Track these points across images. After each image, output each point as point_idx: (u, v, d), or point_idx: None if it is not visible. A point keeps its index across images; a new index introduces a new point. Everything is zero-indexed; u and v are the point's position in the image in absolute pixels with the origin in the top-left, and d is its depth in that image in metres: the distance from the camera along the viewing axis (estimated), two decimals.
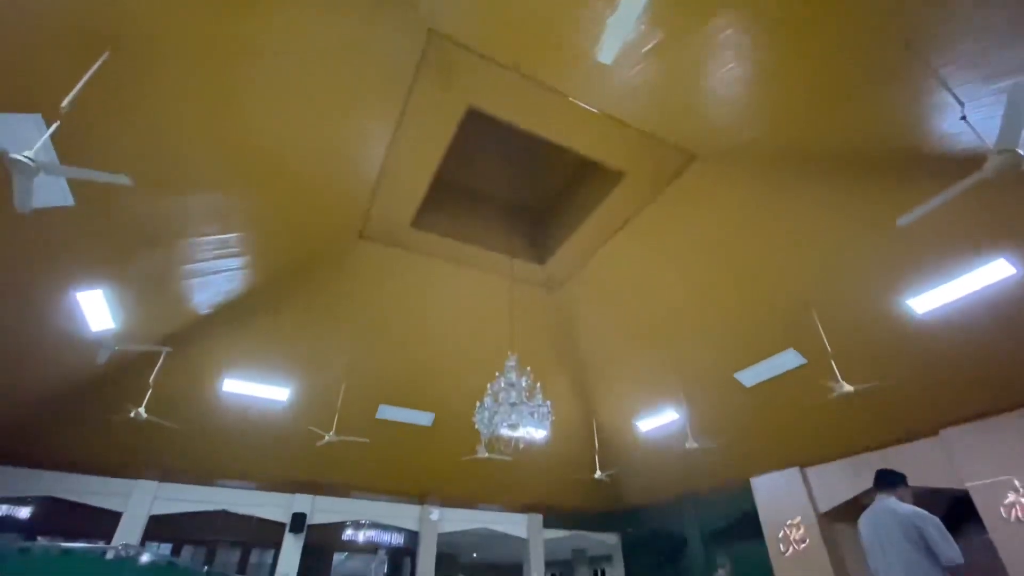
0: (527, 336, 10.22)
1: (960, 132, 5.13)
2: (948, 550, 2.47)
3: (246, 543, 10.58)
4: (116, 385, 8.53)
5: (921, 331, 7.15)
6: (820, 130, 6.09)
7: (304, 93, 6.03)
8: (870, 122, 5.75)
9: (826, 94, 5.60)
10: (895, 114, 5.56)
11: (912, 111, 5.43)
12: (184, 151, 5.90)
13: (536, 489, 13.17)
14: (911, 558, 2.54)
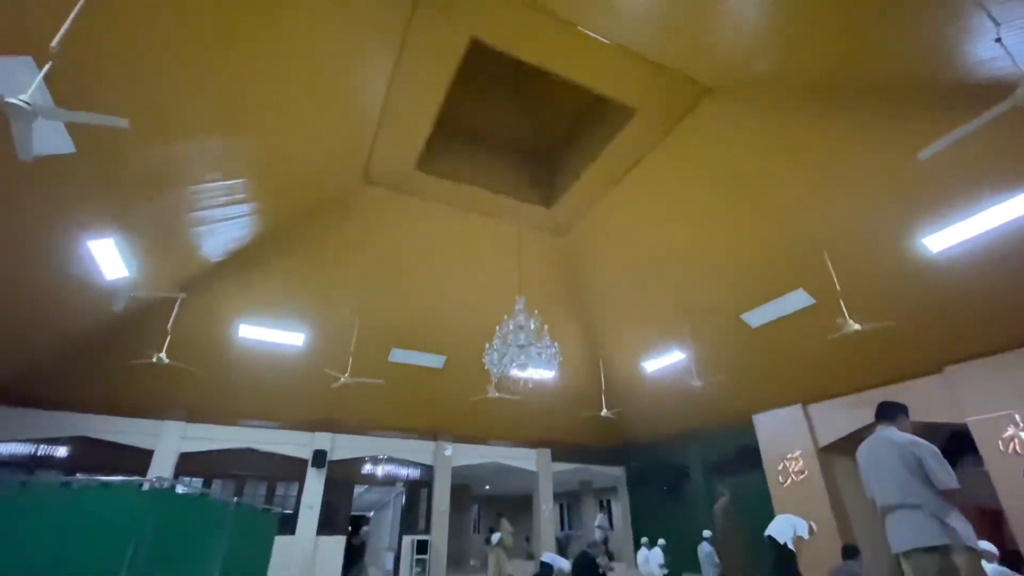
0: (535, 279, 10.28)
1: (993, 57, 4.82)
2: (943, 475, 2.56)
3: (272, 477, 11.25)
4: (136, 331, 8.80)
5: (934, 270, 7.07)
6: (841, 58, 5.75)
7: (301, 30, 5.77)
8: (895, 48, 5.40)
9: (849, 18, 5.24)
10: (923, 39, 5.21)
11: (942, 35, 5.08)
12: (181, 95, 5.74)
13: (545, 426, 13.71)
14: (906, 483, 2.63)
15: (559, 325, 10.23)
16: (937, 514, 2.52)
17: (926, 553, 2.50)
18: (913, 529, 2.56)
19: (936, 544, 2.47)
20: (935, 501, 2.56)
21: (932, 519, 2.52)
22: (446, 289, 10.81)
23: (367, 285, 10.34)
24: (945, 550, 2.45)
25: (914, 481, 2.63)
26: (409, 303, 10.79)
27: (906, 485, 2.64)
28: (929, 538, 2.49)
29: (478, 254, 10.56)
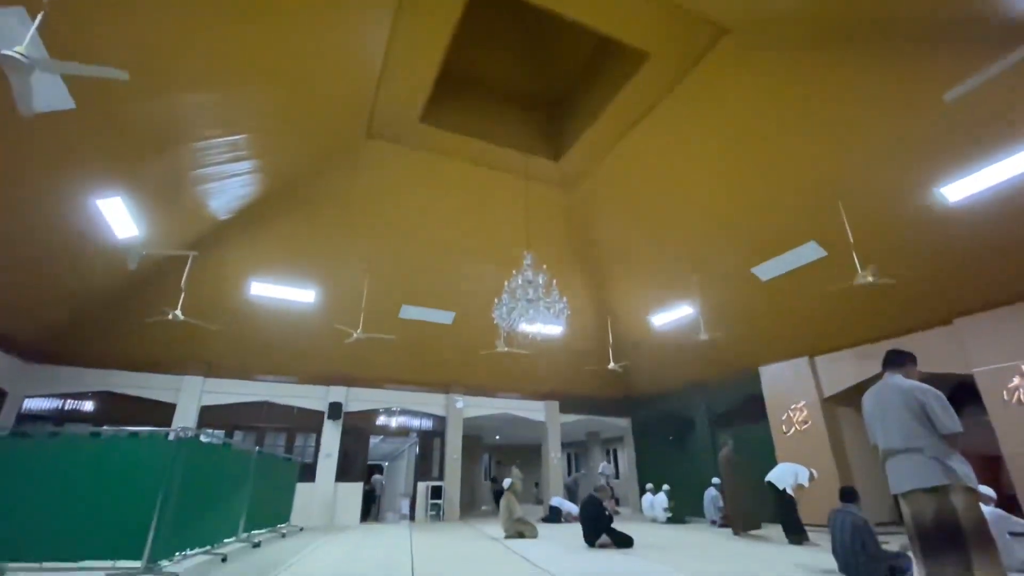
0: (543, 234, 10.21)
1: None
2: (947, 419, 2.60)
3: (290, 429, 11.69)
4: (151, 289, 8.95)
5: (950, 220, 6.92)
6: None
7: None
8: None
9: None
10: None
11: None
12: (180, 48, 5.57)
13: (553, 379, 13.99)
14: (910, 428, 2.68)
15: (567, 280, 10.26)
16: (938, 457, 2.58)
17: (925, 493, 2.57)
18: (914, 471, 2.63)
19: (935, 485, 2.54)
20: (937, 445, 2.61)
21: (933, 461, 2.58)
22: (454, 245, 10.79)
23: (375, 242, 10.35)
24: (944, 490, 2.52)
25: (917, 426, 2.67)
26: (418, 260, 10.82)
27: (909, 430, 2.69)
28: (929, 479, 2.56)
29: (486, 209, 10.47)
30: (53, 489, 4.55)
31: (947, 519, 2.49)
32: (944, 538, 2.48)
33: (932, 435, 2.65)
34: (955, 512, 2.48)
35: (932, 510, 2.54)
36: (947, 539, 2.47)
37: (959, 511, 2.48)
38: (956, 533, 2.45)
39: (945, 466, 2.56)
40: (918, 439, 2.67)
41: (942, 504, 2.52)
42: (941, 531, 2.50)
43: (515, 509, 8.23)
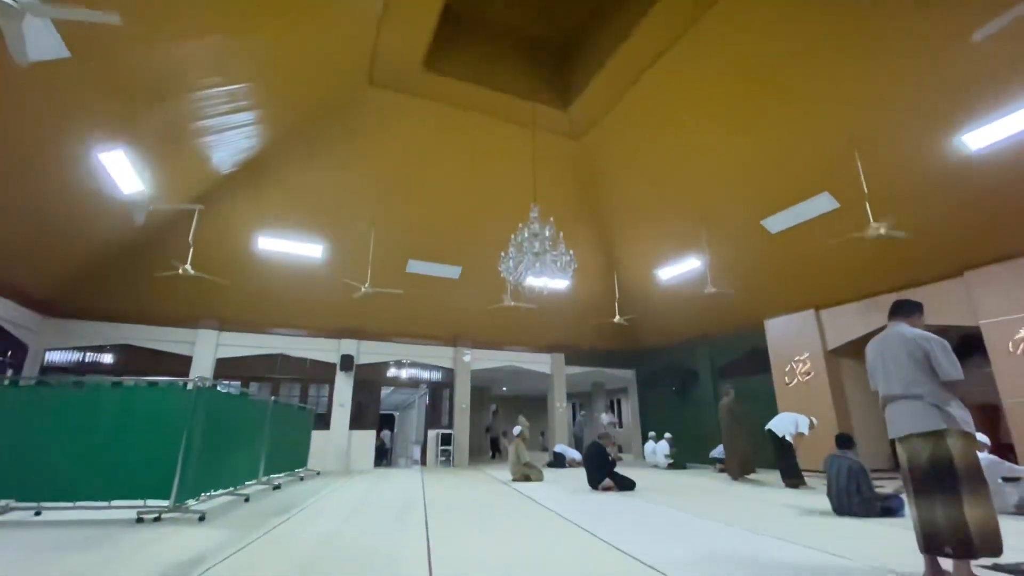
0: (550, 187, 10.04)
1: None
2: (949, 366, 2.63)
3: (304, 380, 12.04)
4: (160, 245, 9.02)
5: (969, 169, 6.72)
6: None
7: None
8: None
9: None
10: None
11: None
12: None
13: (559, 332, 14.17)
14: (911, 374, 2.72)
15: (574, 233, 10.19)
16: (937, 403, 2.62)
17: (921, 438, 2.64)
18: (912, 416, 2.69)
19: (933, 429, 2.61)
20: (937, 391, 2.65)
21: (932, 407, 2.63)
22: (460, 199, 10.67)
23: (381, 196, 10.25)
24: (941, 434, 2.58)
25: (919, 373, 2.70)
26: (423, 214, 10.74)
27: (911, 376, 2.72)
28: (926, 424, 2.62)
29: (493, 162, 10.27)
30: (81, 435, 4.79)
31: (942, 461, 2.56)
32: (937, 479, 2.56)
33: (932, 382, 2.68)
34: (950, 455, 2.54)
35: (928, 453, 2.61)
36: (940, 480, 2.54)
37: (954, 454, 2.54)
38: (950, 474, 2.52)
39: (943, 411, 2.61)
40: (918, 386, 2.70)
41: (938, 447, 2.59)
42: (935, 472, 2.57)
43: (523, 454, 8.56)
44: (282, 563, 3.05)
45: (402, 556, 3.23)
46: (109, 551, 3.37)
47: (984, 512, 2.44)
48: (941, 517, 2.51)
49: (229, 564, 3.03)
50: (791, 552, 3.28)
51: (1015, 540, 3.33)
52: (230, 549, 3.42)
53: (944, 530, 2.49)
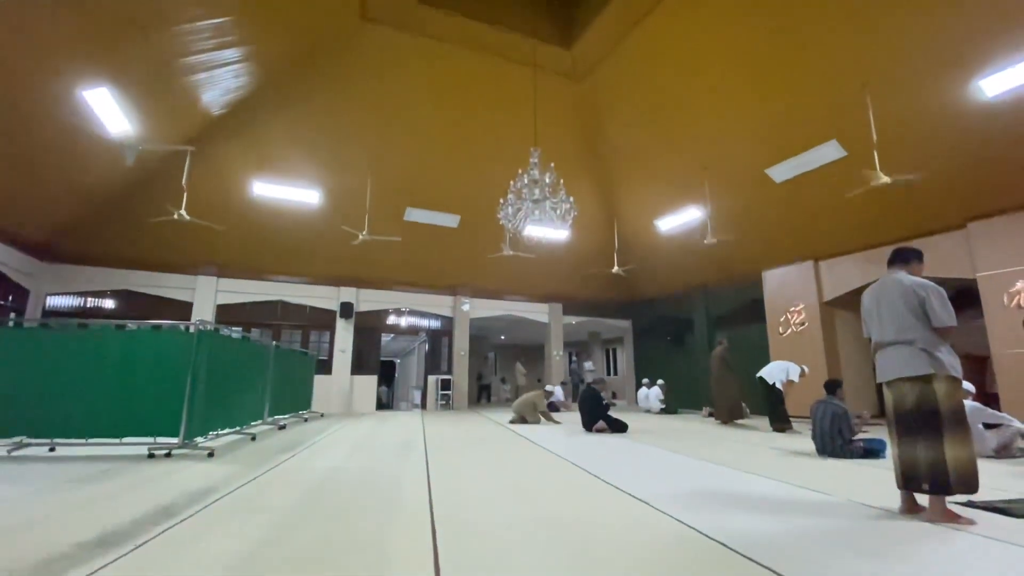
0: (551, 131, 9.77)
1: None
2: (942, 312, 2.65)
3: (305, 326, 12.20)
4: (154, 189, 8.87)
5: (983, 117, 6.53)
6: None
7: None
8: None
9: None
10: None
11: None
12: None
13: (557, 282, 14.24)
14: (905, 321, 2.74)
15: (575, 180, 10.01)
16: (928, 348, 2.66)
17: (909, 381, 2.71)
18: (902, 361, 2.74)
19: (921, 374, 2.67)
20: (928, 337, 2.68)
21: (922, 352, 2.67)
22: (458, 145, 10.40)
23: (377, 141, 9.99)
24: (928, 379, 2.65)
25: (913, 320, 2.73)
26: (422, 161, 10.50)
27: (904, 323, 2.75)
28: (915, 369, 2.67)
29: (492, 106, 9.92)
30: (89, 375, 4.90)
31: (928, 403, 2.63)
32: (921, 420, 2.64)
33: (925, 328, 2.72)
34: (936, 397, 2.62)
35: (914, 396, 2.68)
36: (924, 421, 2.63)
37: (940, 397, 2.61)
38: (934, 416, 2.61)
39: (933, 357, 2.66)
40: (911, 331, 2.74)
41: (925, 391, 2.65)
42: (920, 414, 2.65)
43: (540, 403, 8.92)
44: (290, 492, 3.21)
45: (404, 485, 3.40)
46: (123, 482, 3.53)
47: (963, 453, 2.54)
48: (922, 456, 2.62)
49: (239, 494, 3.18)
50: (772, 487, 3.45)
51: (991, 481, 3.50)
52: (239, 481, 3.58)
53: (923, 468, 2.61)
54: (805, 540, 2.26)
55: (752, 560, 1.98)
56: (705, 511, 2.77)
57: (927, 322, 2.72)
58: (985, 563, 1.96)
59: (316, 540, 2.23)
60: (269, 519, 2.58)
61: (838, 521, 2.59)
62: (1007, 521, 2.56)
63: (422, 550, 2.10)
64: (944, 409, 2.60)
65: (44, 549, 2.06)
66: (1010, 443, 4.88)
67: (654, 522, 2.58)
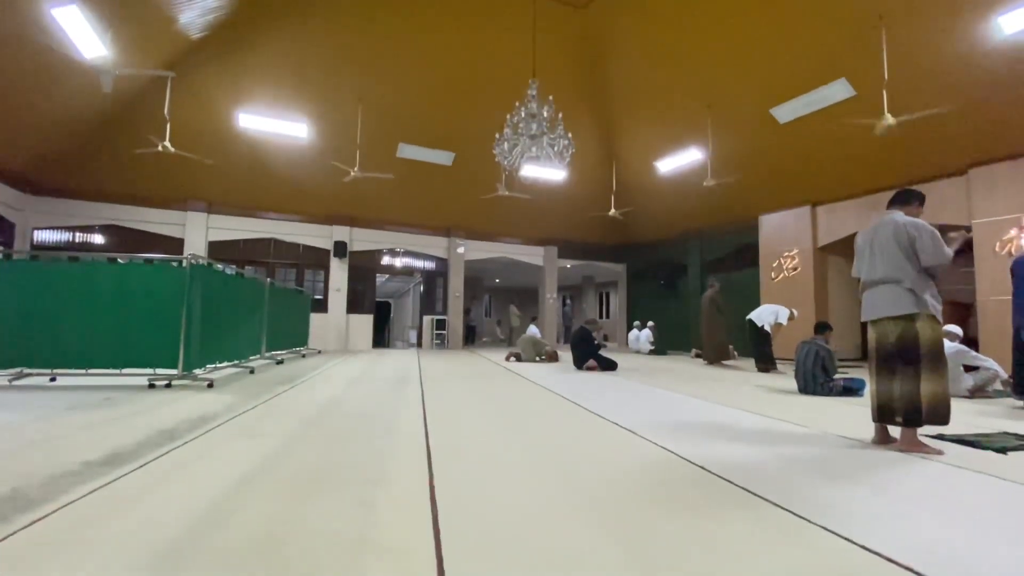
0: (550, 64, 9.32)
1: None
2: (933, 250, 2.66)
3: (299, 265, 12.17)
4: (136, 119, 8.53)
5: (996, 56, 6.29)
6: None
7: None
8: None
9: None
10: None
11: None
12: None
13: (553, 225, 14.13)
14: (895, 261, 2.76)
15: (574, 117, 9.67)
16: (914, 288, 2.70)
17: (893, 320, 2.76)
18: (887, 300, 2.79)
19: (905, 313, 2.72)
20: (916, 278, 2.71)
21: (908, 292, 2.71)
22: (454, 77, 9.93)
23: (367, 72, 9.51)
24: (911, 317, 2.70)
25: (903, 260, 2.74)
26: (414, 91, 10.06)
27: (894, 262, 2.77)
28: (900, 308, 2.72)
29: (488, 34, 9.39)
30: (83, 307, 4.91)
31: (908, 340, 2.70)
32: (901, 356, 2.72)
33: (914, 268, 2.74)
34: (916, 335, 2.68)
35: (897, 333, 2.75)
36: (903, 357, 2.71)
37: (920, 334, 2.67)
38: (913, 351, 2.69)
39: (918, 298, 2.70)
40: (899, 271, 2.76)
41: (906, 328, 2.71)
42: (900, 350, 2.73)
43: (540, 345, 9.13)
44: (290, 420, 3.32)
45: (400, 414, 3.52)
46: (126, 409, 3.63)
47: (938, 388, 2.63)
48: (898, 390, 2.72)
49: (240, 420, 3.29)
50: (753, 420, 3.60)
51: (964, 418, 3.67)
52: (239, 409, 3.69)
53: (898, 401, 2.71)
54: (780, 465, 2.38)
55: (729, 481, 2.10)
56: (687, 439, 2.90)
57: (916, 263, 2.74)
58: (950, 488, 2.09)
59: (316, 461, 2.33)
60: (270, 442, 2.68)
61: (813, 449, 2.72)
62: (974, 452, 2.70)
63: (418, 470, 2.20)
64: (924, 346, 2.67)
65: (52, 467, 2.14)
66: (986, 384, 5.08)
67: (638, 448, 2.70)
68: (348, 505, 1.74)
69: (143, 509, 1.68)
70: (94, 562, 1.29)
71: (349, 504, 1.75)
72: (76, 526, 1.53)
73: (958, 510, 1.80)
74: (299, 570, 1.26)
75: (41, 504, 1.68)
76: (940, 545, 1.48)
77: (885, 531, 1.57)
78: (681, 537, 1.52)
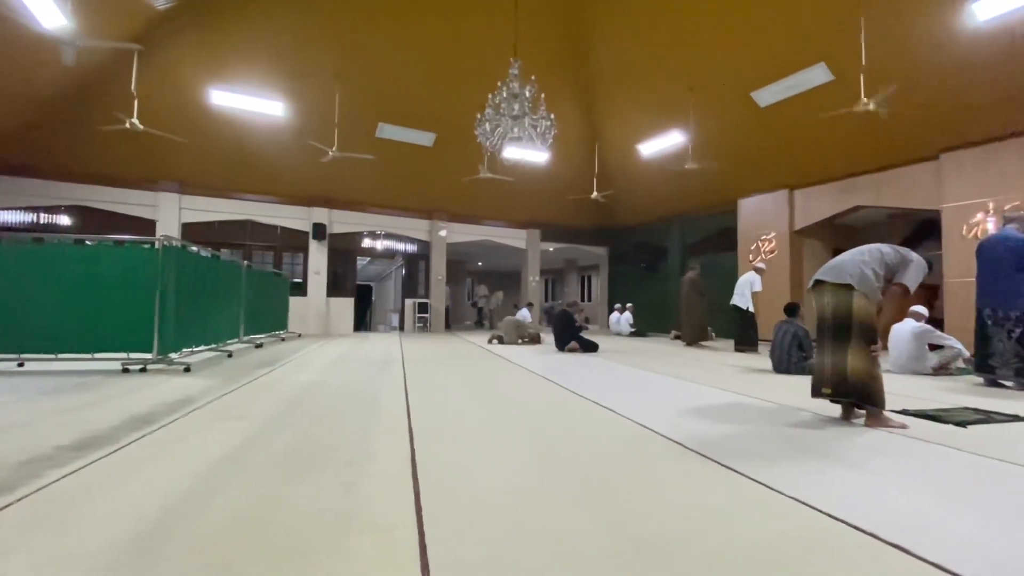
0: (534, 43, 9.19)
1: None
2: (912, 281, 2.86)
3: (277, 247, 11.93)
4: (102, 94, 8.18)
5: (969, 42, 6.41)
6: None
7: None
8: None
9: None
10: None
11: None
12: None
13: (535, 208, 14.10)
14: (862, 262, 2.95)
15: (556, 98, 9.58)
16: (862, 266, 2.89)
17: (831, 288, 2.96)
18: (838, 270, 2.98)
19: (843, 282, 2.90)
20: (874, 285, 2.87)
21: (859, 266, 2.91)
22: (434, 55, 9.73)
23: (346, 49, 9.25)
24: (848, 288, 2.88)
25: (877, 269, 2.91)
26: (394, 71, 9.83)
27: (859, 259, 2.95)
28: (841, 277, 2.91)
29: (470, 13, 9.19)
30: (51, 290, 4.75)
31: (842, 311, 2.88)
32: (834, 328, 2.91)
33: (876, 281, 2.89)
34: (851, 307, 2.84)
35: (833, 303, 2.94)
36: (836, 329, 2.90)
37: (853, 309, 2.84)
38: (846, 326, 2.86)
39: (863, 274, 2.84)
40: (863, 268, 2.91)
41: (841, 299, 2.89)
42: (835, 320, 2.91)
43: (523, 328, 9.18)
44: (270, 402, 3.29)
45: (383, 395, 3.52)
46: (99, 393, 3.55)
47: (863, 358, 2.78)
48: (829, 364, 2.92)
49: (218, 404, 3.25)
50: (728, 397, 3.70)
51: (928, 394, 3.85)
52: (218, 392, 3.64)
53: (828, 373, 2.91)
54: (753, 440, 2.46)
55: (704, 456, 2.16)
56: (664, 417, 2.97)
57: (882, 277, 2.92)
58: (913, 460, 2.19)
59: (298, 442, 2.33)
60: (250, 424, 2.66)
61: (784, 425, 2.82)
62: (936, 426, 2.83)
63: (400, 449, 2.21)
64: (856, 319, 2.82)
65: (24, 451, 2.09)
66: (949, 362, 5.29)
67: (617, 425, 2.76)
68: (331, 485, 1.75)
69: (121, 491, 1.66)
70: (69, 545, 1.27)
71: (332, 484, 1.76)
72: (51, 509, 1.50)
73: (920, 480, 1.89)
74: (282, 548, 1.26)
75: (14, 489, 1.65)
76: (902, 513, 1.55)
77: (851, 501, 1.64)
78: (658, 510, 1.57)
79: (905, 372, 5.29)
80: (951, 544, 1.32)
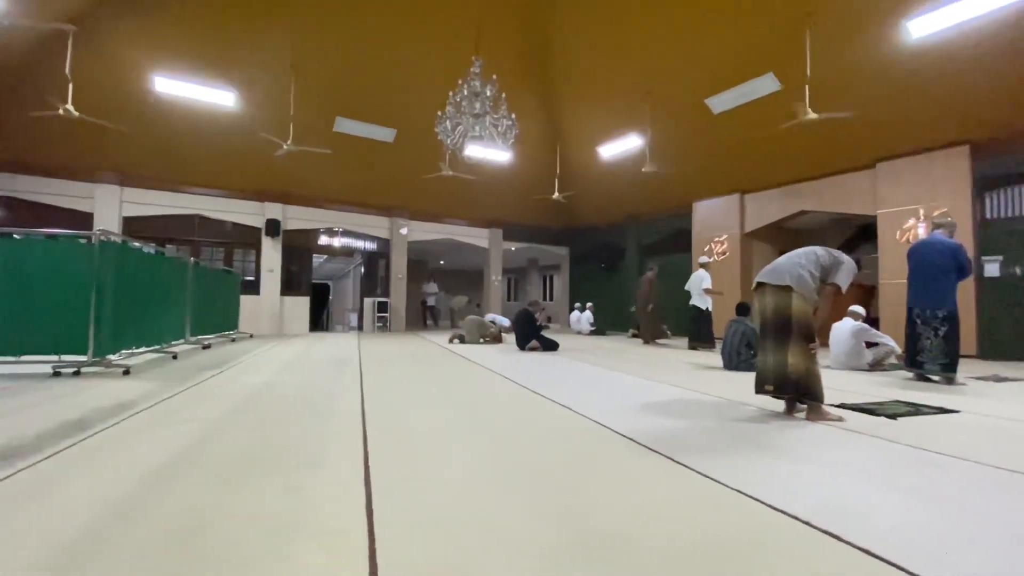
0: (496, 42, 9.19)
1: None
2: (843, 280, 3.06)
3: (228, 244, 11.43)
4: (33, 77, 7.59)
5: (906, 57, 6.86)
6: None
7: None
8: None
9: None
10: None
11: None
12: None
13: (498, 207, 14.10)
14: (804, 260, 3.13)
15: (518, 99, 9.61)
16: (799, 268, 3.06)
17: (773, 289, 3.12)
18: (777, 273, 3.14)
19: (784, 284, 3.06)
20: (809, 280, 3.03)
21: (797, 268, 3.07)
22: (395, 47, 9.55)
23: (302, 36, 8.95)
24: (787, 290, 3.05)
25: (814, 271, 3.09)
26: (353, 64, 9.59)
27: (800, 260, 3.12)
28: (782, 279, 3.07)
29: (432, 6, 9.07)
30: None
31: (782, 311, 3.05)
32: (775, 327, 3.07)
33: (813, 282, 3.05)
34: (789, 307, 3.01)
35: (773, 303, 3.10)
36: (777, 328, 3.06)
37: (792, 309, 3.01)
38: (786, 325, 3.02)
39: (801, 276, 3.00)
40: (805, 263, 3.07)
41: (781, 300, 3.06)
42: (776, 320, 3.08)
43: (485, 327, 9.14)
44: (217, 406, 3.15)
45: (337, 396, 3.43)
46: (25, 399, 3.30)
47: (801, 358, 2.95)
48: (771, 360, 3.08)
49: (160, 408, 3.08)
50: (679, 393, 3.83)
51: (864, 388, 4.08)
52: (161, 396, 3.46)
53: (771, 371, 3.07)
54: (700, 435, 2.55)
55: (653, 450, 2.22)
56: (618, 413, 3.04)
57: (818, 279, 3.09)
58: (848, 451, 2.33)
59: (246, 446, 2.24)
60: (196, 429, 2.53)
61: (730, 420, 2.94)
62: (870, 419, 3.01)
63: (353, 452, 2.16)
64: (795, 320, 2.98)
65: None
66: (883, 359, 5.65)
67: (572, 423, 2.80)
68: (279, 489, 1.69)
69: (48, 503, 1.55)
70: None
71: (280, 488, 1.70)
72: None
73: (854, 470, 2.01)
74: (226, 557, 1.21)
75: None
76: (836, 502, 1.65)
77: (790, 491, 1.73)
78: (610, 505, 1.60)
79: (844, 368, 5.62)
80: (878, 530, 1.42)
